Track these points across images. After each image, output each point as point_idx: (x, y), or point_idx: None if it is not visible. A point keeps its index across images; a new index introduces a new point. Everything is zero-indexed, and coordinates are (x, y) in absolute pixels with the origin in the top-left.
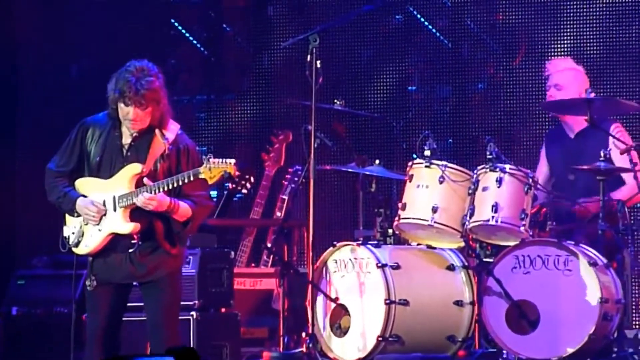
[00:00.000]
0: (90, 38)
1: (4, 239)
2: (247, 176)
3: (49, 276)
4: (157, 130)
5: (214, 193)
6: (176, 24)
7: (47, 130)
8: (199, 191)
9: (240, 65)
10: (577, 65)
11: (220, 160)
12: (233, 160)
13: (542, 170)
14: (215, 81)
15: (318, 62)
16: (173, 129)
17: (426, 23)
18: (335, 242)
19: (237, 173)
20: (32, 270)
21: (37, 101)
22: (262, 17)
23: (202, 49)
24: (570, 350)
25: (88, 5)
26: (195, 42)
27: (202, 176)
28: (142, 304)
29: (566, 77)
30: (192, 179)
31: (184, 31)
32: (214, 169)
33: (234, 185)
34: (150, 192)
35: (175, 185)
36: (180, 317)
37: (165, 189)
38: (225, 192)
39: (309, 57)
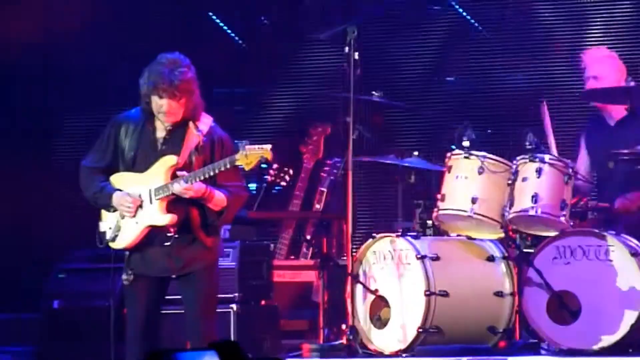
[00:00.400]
0: (128, 31)
1: (44, 233)
2: (286, 169)
3: (90, 269)
4: (190, 123)
5: (252, 186)
6: (214, 17)
7: (85, 121)
8: (234, 182)
9: (278, 58)
10: (611, 52)
11: (256, 146)
12: (269, 146)
13: (583, 161)
14: (252, 74)
15: (356, 53)
16: (206, 122)
17: (464, 13)
18: (374, 234)
19: (272, 158)
20: (72, 263)
21: (71, 95)
22: (300, 9)
23: (239, 41)
24: (611, 341)
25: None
26: (232, 34)
27: (238, 163)
28: (180, 296)
29: (603, 67)
30: (228, 166)
31: (221, 24)
32: (250, 155)
33: (273, 178)
34: (187, 182)
35: (212, 173)
36: (220, 310)
37: (202, 178)
38: (265, 185)
39: (347, 48)
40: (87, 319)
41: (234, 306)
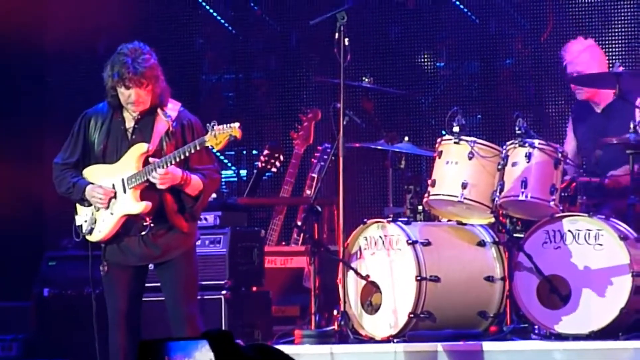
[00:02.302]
0: (118, 17)
1: (34, 221)
2: (276, 155)
3: (80, 257)
4: (159, 110)
5: (243, 172)
6: (203, 3)
7: (75, 111)
8: (207, 164)
9: (268, 44)
10: (587, 40)
11: (225, 125)
12: (237, 124)
13: (570, 145)
14: (243, 60)
15: (346, 39)
16: (174, 107)
17: None
18: (365, 220)
19: (240, 136)
20: (63, 251)
21: (65, 82)
22: None
23: (229, 27)
24: (601, 325)
25: None
26: (222, 21)
27: (208, 144)
28: (159, 284)
29: (585, 59)
30: (198, 148)
31: (211, 10)
32: (219, 135)
33: (263, 164)
34: (162, 167)
35: (182, 157)
36: (211, 297)
37: (173, 162)
38: (255, 171)
39: (337, 34)
40: (77, 306)
41: (225, 292)
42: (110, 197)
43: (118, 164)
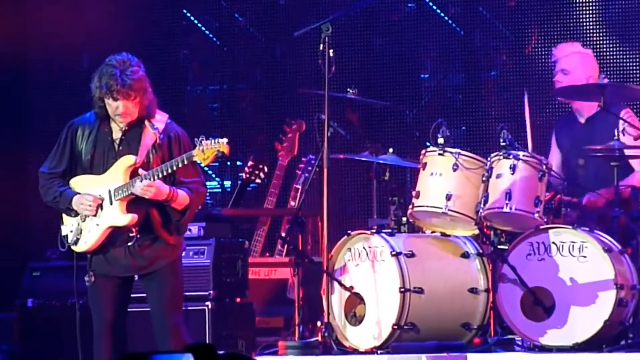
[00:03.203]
0: (102, 28)
1: (18, 231)
2: (260, 166)
3: (64, 267)
4: (146, 122)
5: (227, 183)
6: (188, 14)
7: (59, 122)
8: (193, 177)
9: (253, 55)
10: (585, 48)
11: (212, 140)
12: (225, 140)
13: (554, 157)
14: (227, 71)
15: (331, 51)
16: (162, 119)
17: (438, 10)
18: (349, 231)
19: (228, 152)
20: (46, 262)
21: (48, 93)
22: (274, 6)
23: (214, 39)
24: (585, 337)
25: None
26: (207, 32)
27: (195, 159)
28: (145, 294)
29: (573, 61)
30: (185, 162)
31: (195, 21)
32: (206, 150)
33: (247, 175)
34: (147, 179)
35: (169, 171)
36: (195, 307)
37: (160, 176)
38: (239, 182)
39: (321, 46)
40: (62, 317)
41: (209, 304)
42: (98, 204)
43: (105, 175)
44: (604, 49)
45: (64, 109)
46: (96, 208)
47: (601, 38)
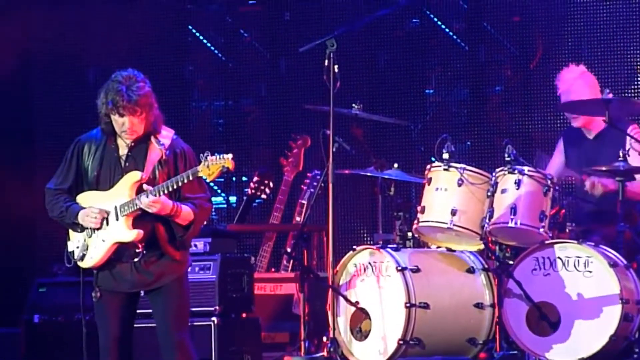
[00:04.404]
0: (108, 45)
1: (23, 247)
2: (266, 181)
3: (70, 283)
4: (152, 137)
5: (232, 199)
6: (193, 30)
7: (65, 138)
8: (198, 193)
9: (258, 71)
10: (579, 66)
11: (218, 156)
12: (230, 155)
13: (554, 164)
14: (232, 87)
15: (336, 66)
16: (167, 135)
17: (443, 26)
18: (354, 246)
19: (233, 166)
20: (53, 277)
21: (54, 109)
22: (279, 23)
23: (219, 54)
24: (591, 352)
25: (105, 11)
26: (212, 48)
27: (200, 174)
28: (151, 310)
29: (578, 88)
30: (191, 178)
31: (201, 37)
32: (212, 166)
33: (253, 191)
34: (154, 195)
35: (175, 186)
36: (201, 323)
37: (166, 191)
38: (245, 198)
39: (326, 61)
40: (68, 333)
41: (215, 319)
42: (104, 217)
43: (111, 191)
44: (609, 63)
45: (70, 124)
46: (101, 220)
47: (605, 52)
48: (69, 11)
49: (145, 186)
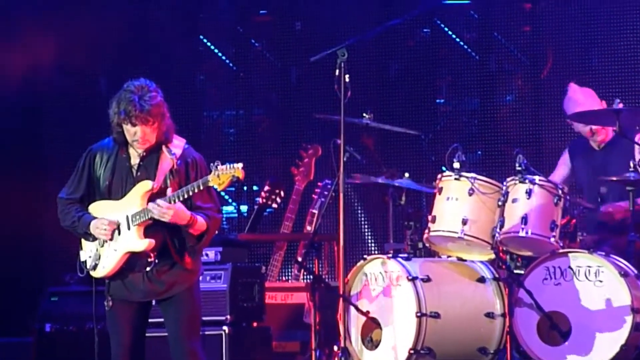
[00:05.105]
0: (119, 53)
1: (35, 256)
2: (277, 191)
3: (82, 293)
4: (163, 147)
5: (244, 208)
6: (204, 40)
7: (76, 147)
8: (209, 203)
9: (269, 80)
10: (583, 90)
11: (228, 165)
12: (240, 164)
13: (559, 173)
14: (243, 96)
15: (346, 76)
16: (179, 144)
17: (453, 36)
18: (365, 256)
19: (243, 176)
20: (64, 286)
21: (65, 119)
22: (290, 32)
23: (230, 64)
24: None
25: (116, 20)
26: (223, 57)
27: (211, 184)
28: (163, 319)
29: (587, 102)
30: (201, 188)
31: (212, 47)
32: (222, 175)
33: (264, 200)
34: (169, 202)
35: (185, 196)
36: (212, 332)
37: (176, 201)
38: (256, 207)
39: (337, 71)
40: (79, 342)
41: (226, 328)
42: (114, 228)
43: (123, 201)
44: (619, 73)
45: (81, 134)
46: (112, 232)
47: (616, 62)
48: (81, 21)
49: (158, 200)
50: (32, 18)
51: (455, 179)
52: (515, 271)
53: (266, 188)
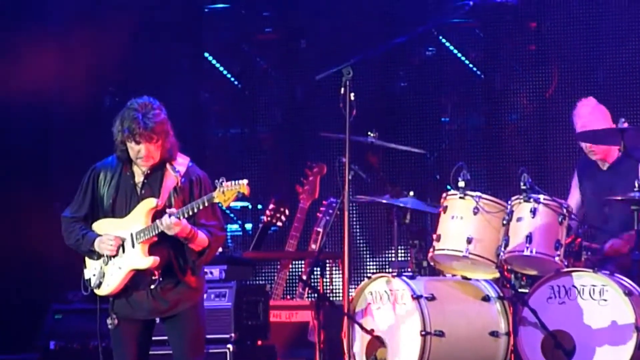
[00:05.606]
0: (123, 72)
1: (38, 274)
2: (282, 209)
3: (86, 310)
4: (167, 165)
5: (248, 226)
6: (209, 58)
7: (81, 165)
8: (212, 221)
9: (274, 98)
10: (590, 99)
11: (233, 182)
12: (245, 181)
13: (574, 199)
14: (248, 114)
15: (352, 94)
16: (183, 162)
17: (459, 54)
18: (370, 274)
19: (249, 192)
20: (69, 304)
21: (70, 136)
22: (295, 50)
23: (235, 82)
24: None
25: (120, 39)
26: (228, 75)
27: (216, 200)
28: (167, 337)
29: (595, 120)
30: (206, 204)
31: (217, 64)
32: (227, 191)
33: (269, 218)
34: (177, 217)
35: (190, 213)
36: (216, 350)
37: (181, 217)
38: (261, 225)
39: (342, 89)
40: (83, 359)
41: (230, 346)
42: (119, 244)
43: (127, 219)
44: (624, 92)
45: (86, 152)
46: (117, 247)
47: (621, 81)
48: (85, 38)
49: (168, 210)
50: (38, 38)
51: (460, 197)
52: (520, 290)
53: (271, 206)
